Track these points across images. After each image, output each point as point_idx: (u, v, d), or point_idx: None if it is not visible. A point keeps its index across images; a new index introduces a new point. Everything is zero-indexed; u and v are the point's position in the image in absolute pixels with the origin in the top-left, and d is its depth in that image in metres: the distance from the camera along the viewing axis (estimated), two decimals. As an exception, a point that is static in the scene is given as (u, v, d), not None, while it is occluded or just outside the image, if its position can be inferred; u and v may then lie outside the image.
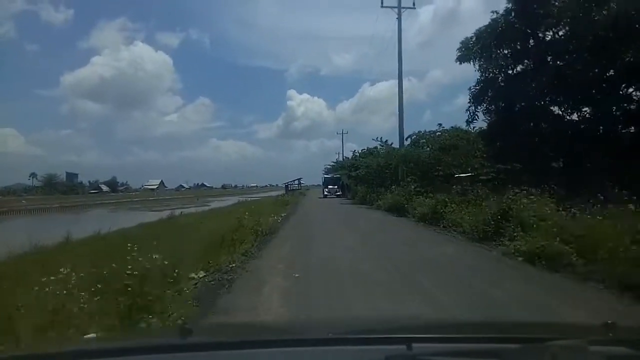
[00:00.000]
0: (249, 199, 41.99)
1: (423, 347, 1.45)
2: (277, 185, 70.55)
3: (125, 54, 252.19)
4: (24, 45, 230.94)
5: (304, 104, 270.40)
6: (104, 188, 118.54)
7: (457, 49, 19.38)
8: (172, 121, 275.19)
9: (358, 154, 45.78)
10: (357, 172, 37.80)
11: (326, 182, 55.53)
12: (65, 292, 4.92)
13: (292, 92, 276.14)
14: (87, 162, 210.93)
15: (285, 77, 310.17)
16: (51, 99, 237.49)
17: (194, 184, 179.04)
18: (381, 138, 34.70)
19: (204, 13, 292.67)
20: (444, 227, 14.24)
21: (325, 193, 52.29)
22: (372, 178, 33.05)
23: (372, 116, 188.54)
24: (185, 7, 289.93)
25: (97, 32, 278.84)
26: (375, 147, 38.07)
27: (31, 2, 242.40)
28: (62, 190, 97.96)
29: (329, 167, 70.02)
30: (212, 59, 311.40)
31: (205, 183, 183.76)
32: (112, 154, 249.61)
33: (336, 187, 52.06)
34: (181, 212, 24.92)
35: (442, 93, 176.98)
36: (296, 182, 74.20)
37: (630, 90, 16.38)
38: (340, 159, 65.24)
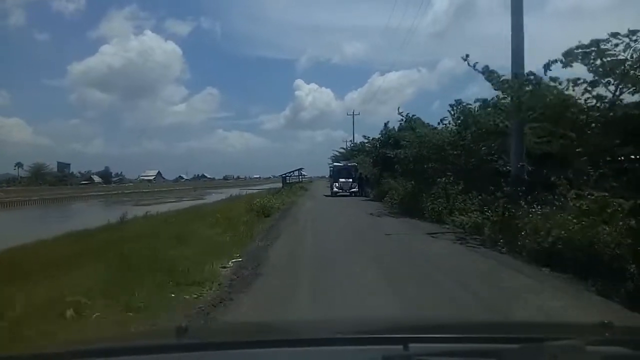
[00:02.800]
0: (243, 192, 36.18)
1: (420, 347, 1.41)
2: (280, 176, 62.47)
3: (134, 43, 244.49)
4: (34, 34, 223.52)
5: (312, 94, 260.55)
6: (96, 179, 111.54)
7: None
8: (180, 111, 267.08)
9: (395, 127, 28.09)
10: (405, 151, 20.30)
11: (337, 174, 37.08)
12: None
13: (299, 82, 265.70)
14: (91, 152, 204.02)
15: (294, 67, 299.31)
16: (59, 89, 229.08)
17: (194, 175, 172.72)
18: (488, 67, 12.33)
19: (214, 2, 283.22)
20: None
21: (335, 189, 35.32)
22: (433, 165, 18.13)
23: (380, 107, 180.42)
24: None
25: (106, 21, 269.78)
26: (418, 117, 21.66)
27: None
28: (51, 181, 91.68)
29: (337, 154, 54.76)
30: (221, 48, 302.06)
31: (205, 174, 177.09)
32: (116, 144, 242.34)
33: (351, 180, 35.54)
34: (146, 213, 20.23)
35: (454, 84, 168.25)
36: (296, 172, 57.81)
37: None
38: (350, 148, 52.46)
